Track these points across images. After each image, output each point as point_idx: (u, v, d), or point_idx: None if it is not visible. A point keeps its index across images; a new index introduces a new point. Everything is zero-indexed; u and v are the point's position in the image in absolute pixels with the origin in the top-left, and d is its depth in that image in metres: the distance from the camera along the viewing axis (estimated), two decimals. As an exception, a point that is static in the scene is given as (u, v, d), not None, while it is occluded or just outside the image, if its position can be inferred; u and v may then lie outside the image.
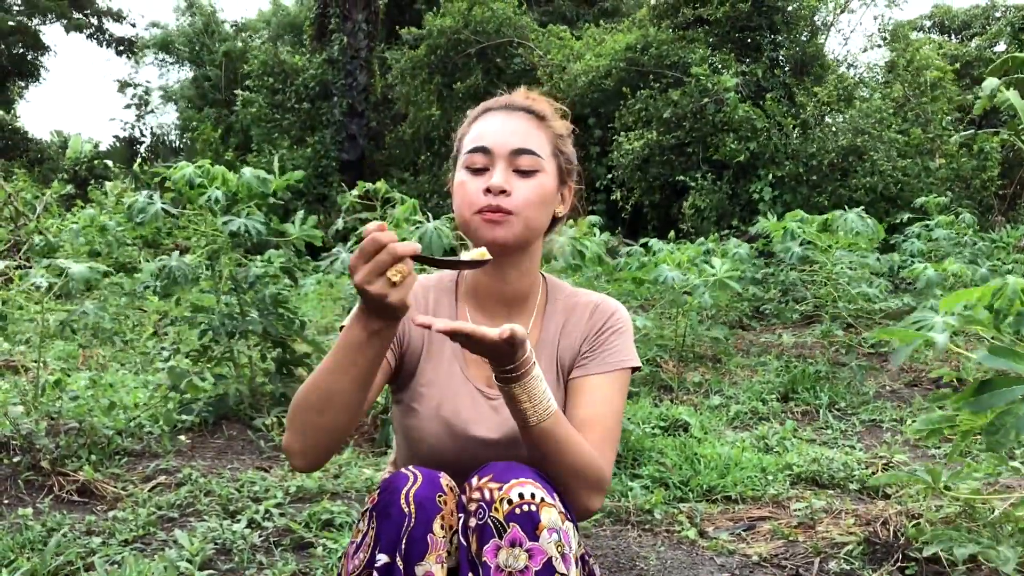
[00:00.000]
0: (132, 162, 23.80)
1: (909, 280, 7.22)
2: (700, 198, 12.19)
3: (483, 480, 1.40)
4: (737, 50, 13.67)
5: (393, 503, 1.36)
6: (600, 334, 1.62)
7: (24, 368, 4.92)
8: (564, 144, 1.61)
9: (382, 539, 1.35)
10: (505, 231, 1.50)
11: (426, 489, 1.38)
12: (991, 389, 1.47)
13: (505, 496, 1.36)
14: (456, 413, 1.57)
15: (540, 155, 1.54)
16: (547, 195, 1.55)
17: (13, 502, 2.93)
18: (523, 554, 1.33)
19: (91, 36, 29.44)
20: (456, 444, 1.57)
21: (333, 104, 17.92)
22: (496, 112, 1.59)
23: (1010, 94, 9.32)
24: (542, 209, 1.55)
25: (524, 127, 1.56)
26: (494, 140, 1.53)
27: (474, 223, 1.51)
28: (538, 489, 1.37)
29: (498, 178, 1.50)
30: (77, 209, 9.63)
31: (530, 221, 1.53)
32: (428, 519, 1.35)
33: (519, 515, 1.34)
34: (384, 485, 1.41)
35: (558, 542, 1.34)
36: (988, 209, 12.13)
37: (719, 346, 5.94)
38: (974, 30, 19.58)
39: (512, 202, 1.50)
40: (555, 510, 1.37)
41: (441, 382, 1.60)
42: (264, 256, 4.81)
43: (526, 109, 1.59)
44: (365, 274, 1.24)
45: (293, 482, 3.14)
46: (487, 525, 1.35)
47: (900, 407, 4.54)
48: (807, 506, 2.91)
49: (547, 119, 1.60)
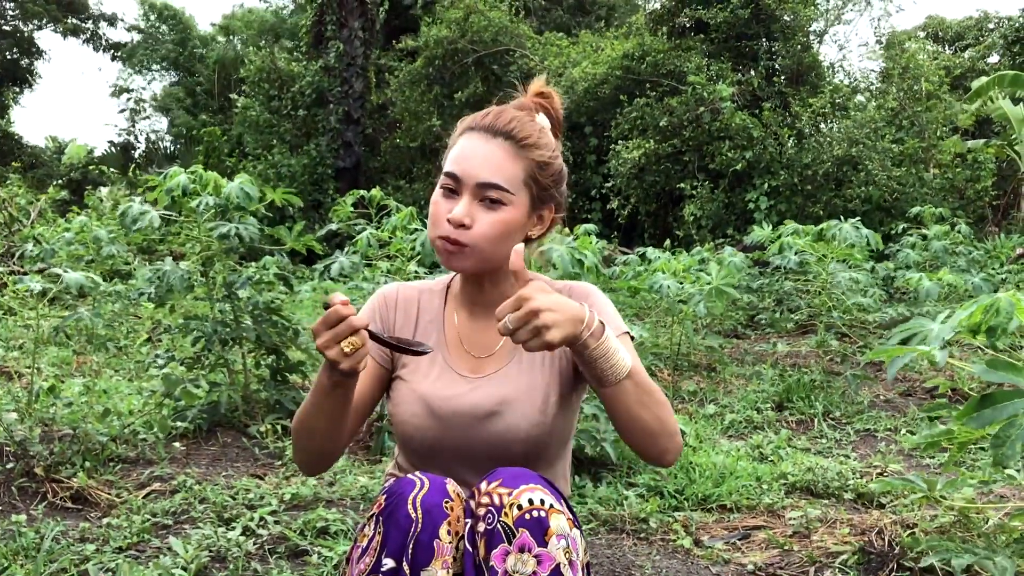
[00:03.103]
0: (127, 168, 23.79)
1: (904, 289, 7.26)
2: (696, 207, 12.22)
3: (492, 485, 1.40)
4: (734, 59, 13.72)
5: (400, 508, 1.37)
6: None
7: (18, 374, 4.91)
8: (543, 171, 1.59)
9: (388, 544, 1.35)
10: (460, 261, 1.55)
11: (433, 495, 1.39)
12: (993, 403, 1.48)
13: (515, 501, 1.36)
14: (434, 392, 1.61)
15: (508, 189, 1.53)
16: (511, 227, 1.55)
17: (7, 509, 2.91)
18: (532, 559, 1.33)
19: (86, 41, 29.44)
20: (437, 423, 1.59)
21: (329, 111, 17.92)
22: (476, 134, 1.57)
23: (1003, 104, 9.37)
24: (502, 242, 1.55)
25: (498, 157, 1.54)
26: (464, 168, 1.54)
27: (436, 245, 1.56)
28: (547, 495, 1.38)
29: (459, 210, 1.52)
30: (72, 215, 9.61)
31: (486, 253, 1.55)
32: (435, 525, 1.36)
33: (528, 520, 1.35)
34: (391, 490, 1.42)
35: (566, 548, 1.35)
36: (982, 219, 12.17)
37: (714, 355, 5.95)
38: (967, 41, 19.67)
39: (469, 236, 1.52)
40: (564, 517, 1.37)
41: (422, 368, 1.65)
42: (259, 263, 4.81)
43: (506, 134, 1.55)
44: (325, 340, 1.36)
45: (288, 489, 3.13)
46: (496, 530, 1.35)
47: (894, 416, 4.55)
48: (802, 515, 2.91)
49: (528, 144, 1.57)
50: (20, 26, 27.53)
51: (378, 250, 4.61)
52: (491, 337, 1.67)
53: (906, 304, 7.27)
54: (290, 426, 3.96)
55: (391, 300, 1.73)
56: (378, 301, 1.74)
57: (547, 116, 1.67)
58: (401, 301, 1.73)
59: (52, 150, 26.53)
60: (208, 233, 4.00)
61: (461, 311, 1.71)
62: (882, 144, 11.82)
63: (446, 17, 16.05)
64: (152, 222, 3.85)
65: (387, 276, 5.19)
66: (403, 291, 1.75)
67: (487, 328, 1.67)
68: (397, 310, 1.72)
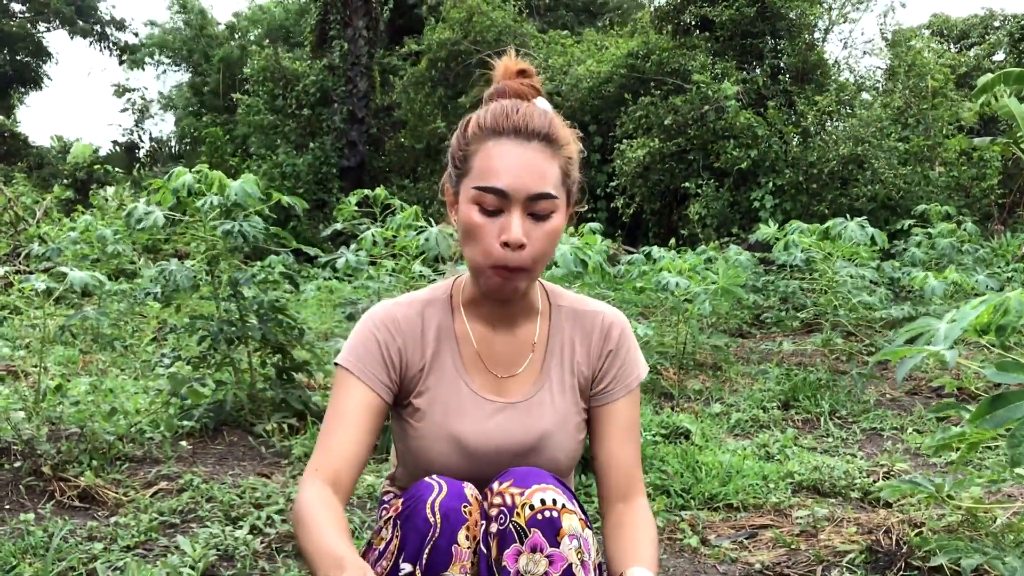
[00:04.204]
0: (132, 167, 23.83)
1: (910, 288, 7.24)
2: (701, 205, 12.20)
3: (504, 485, 1.40)
4: (738, 57, 13.70)
5: (418, 513, 1.35)
6: (617, 352, 1.61)
7: (25, 373, 4.92)
8: (573, 168, 1.49)
9: (406, 548, 1.34)
10: (519, 283, 1.45)
11: (451, 499, 1.36)
12: (1006, 403, 1.47)
13: (527, 501, 1.36)
14: (466, 428, 1.52)
15: (556, 196, 1.43)
16: (559, 235, 1.46)
17: (14, 508, 2.92)
18: (543, 560, 1.33)
19: (94, 44, 29.55)
20: (469, 460, 1.53)
21: (333, 110, 17.92)
22: (508, 140, 1.42)
23: (1009, 101, 9.34)
24: (554, 249, 1.47)
25: (540, 163, 1.42)
26: (510, 182, 1.39)
27: (487, 274, 1.44)
28: (559, 495, 1.37)
29: (516, 231, 1.39)
30: (77, 215, 9.63)
31: (539, 269, 1.46)
32: (453, 529, 1.34)
33: (541, 521, 1.34)
34: (409, 494, 1.40)
35: (578, 549, 1.34)
36: (987, 217, 12.14)
37: (720, 354, 5.94)
38: (972, 39, 19.62)
39: (528, 257, 1.42)
40: (576, 517, 1.37)
41: (442, 397, 1.54)
42: (264, 261, 4.81)
43: (540, 135, 1.43)
44: None
45: (295, 488, 3.13)
46: (508, 530, 1.35)
47: (901, 415, 4.54)
48: (809, 514, 2.90)
49: (561, 142, 1.45)
50: (29, 28, 27.60)
51: (383, 249, 4.61)
52: (515, 352, 1.58)
53: (912, 303, 7.26)
54: (295, 424, 3.97)
55: (390, 324, 1.54)
56: (376, 331, 1.54)
57: (539, 95, 1.55)
58: (402, 322, 1.55)
59: (57, 150, 26.56)
60: (213, 232, 4.00)
61: (477, 324, 1.58)
62: (888, 142, 11.79)
63: (449, 18, 16.05)
64: (157, 221, 3.86)
65: (392, 275, 5.20)
66: (398, 310, 1.56)
67: (510, 342, 1.58)
68: (400, 334, 1.54)
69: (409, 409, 1.56)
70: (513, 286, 1.45)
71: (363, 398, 1.49)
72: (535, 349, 1.59)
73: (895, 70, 13.51)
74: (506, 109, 1.45)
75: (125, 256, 8.69)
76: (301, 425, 4.03)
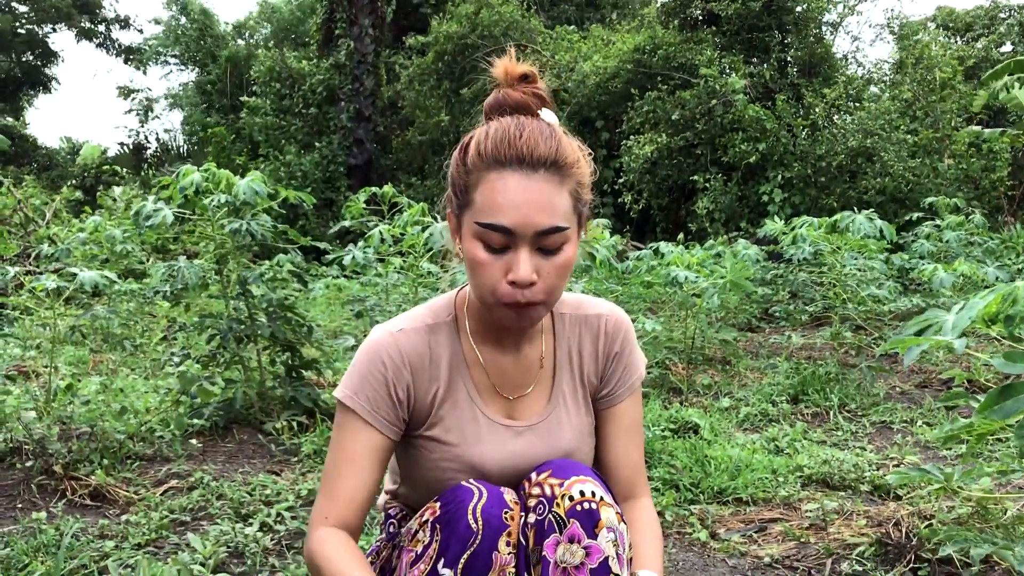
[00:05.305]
0: (140, 168, 23.89)
1: (919, 280, 7.22)
2: (709, 200, 12.17)
3: (543, 476, 1.40)
4: (745, 51, 13.66)
5: (460, 518, 1.33)
6: (621, 354, 1.59)
7: (35, 373, 4.95)
8: (585, 190, 1.39)
9: (447, 553, 1.33)
10: (534, 315, 1.38)
11: (493, 505, 1.35)
12: (1015, 394, 1.47)
13: (567, 492, 1.36)
14: (486, 457, 1.48)
15: (567, 227, 1.33)
16: (572, 263, 1.38)
17: (26, 506, 2.94)
18: (580, 550, 1.33)
19: (100, 45, 29.64)
20: None
21: (340, 109, 17.94)
22: (512, 172, 1.31)
23: (1018, 92, 9.29)
24: (566, 280, 1.39)
25: (548, 194, 1.31)
26: (516, 219, 1.30)
27: (497, 310, 1.37)
28: (597, 488, 1.38)
29: (525, 270, 1.31)
30: (85, 216, 9.67)
31: (558, 293, 1.39)
32: (495, 536, 1.33)
33: (580, 512, 1.34)
34: (448, 498, 1.38)
35: (615, 541, 1.35)
36: (997, 209, 12.08)
37: (728, 348, 5.93)
38: (977, 31, 19.50)
39: (539, 292, 1.34)
40: (613, 510, 1.37)
41: (456, 426, 1.48)
42: (273, 260, 4.83)
43: (546, 163, 1.32)
44: None
45: (304, 485, 3.14)
46: (547, 520, 1.35)
47: (910, 408, 4.52)
48: (818, 507, 2.90)
49: (569, 166, 1.35)
50: (36, 30, 27.71)
51: (391, 246, 4.62)
52: (524, 371, 1.53)
53: (921, 295, 7.23)
54: (305, 422, 3.98)
55: (396, 358, 1.45)
56: (383, 369, 1.44)
57: (545, 106, 1.42)
58: (409, 355, 1.46)
59: (66, 151, 26.68)
60: (221, 231, 4.02)
61: (485, 348, 1.51)
62: (896, 135, 11.74)
63: (456, 12, 16.04)
64: (165, 220, 3.87)
65: (399, 272, 5.21)
66: (404, 341, 1.46)
67: (519, 362, 1.53)
68: (407, 368, 1.45)
69: (421, 440, 1.49)
70: (528, 318, 1.38)
71: (370, 441, 1.43)
72: (543, 364, 1.55)
73: (903, 62, 13.44)
74: (508, 134, 1.33)
75: (134, 256, 8.72)
76: (311, 423, 4.04)
